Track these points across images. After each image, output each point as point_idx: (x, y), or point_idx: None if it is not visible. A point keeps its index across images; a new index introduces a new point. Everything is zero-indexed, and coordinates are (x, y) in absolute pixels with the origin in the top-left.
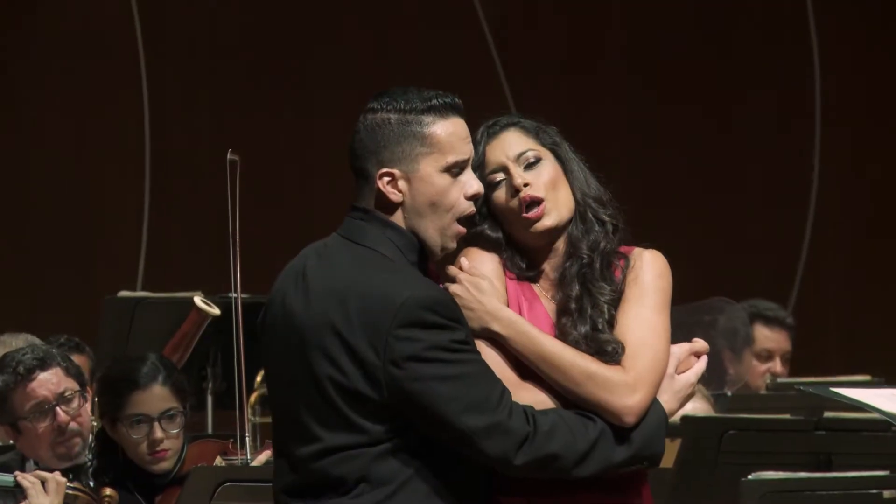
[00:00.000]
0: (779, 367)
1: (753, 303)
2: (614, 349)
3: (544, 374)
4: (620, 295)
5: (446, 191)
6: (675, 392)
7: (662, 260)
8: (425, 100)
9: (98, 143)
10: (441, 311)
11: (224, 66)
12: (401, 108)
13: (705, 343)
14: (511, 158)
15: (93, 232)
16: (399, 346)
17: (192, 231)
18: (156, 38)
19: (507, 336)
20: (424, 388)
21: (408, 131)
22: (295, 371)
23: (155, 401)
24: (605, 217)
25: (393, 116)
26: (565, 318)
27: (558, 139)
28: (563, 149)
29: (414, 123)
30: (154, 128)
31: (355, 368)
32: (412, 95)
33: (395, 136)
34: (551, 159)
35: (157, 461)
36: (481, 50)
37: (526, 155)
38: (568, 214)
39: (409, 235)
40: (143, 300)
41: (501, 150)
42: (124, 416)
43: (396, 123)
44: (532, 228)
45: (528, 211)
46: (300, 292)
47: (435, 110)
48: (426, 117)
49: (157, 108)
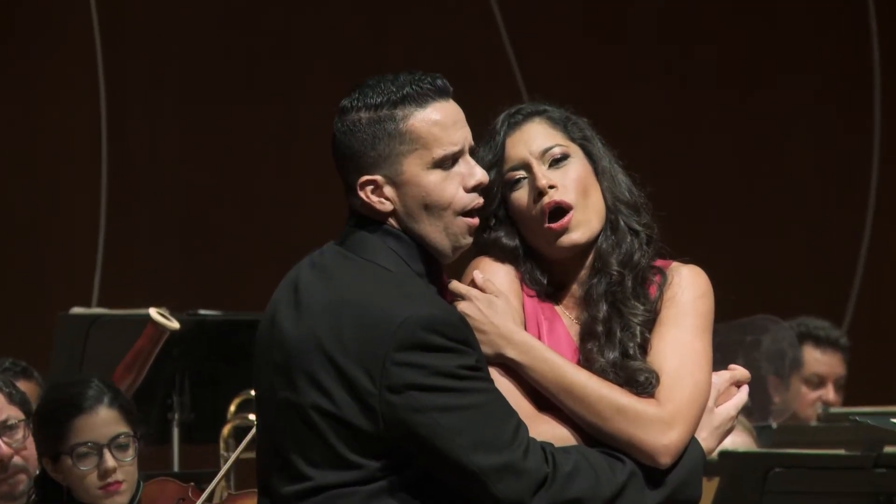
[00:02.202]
0: (831, 394)
1: (802, 321)
2: (647, 379)
3: (566, 406)
4: (655, 316)
5: (439, 188)
6: (715, 428)
7: (703, 277)
8: (399, 88)
9: (47, 140)
10: (447, 332)
11: (193, 50)
12: (371, 104)
13: (746, 371)
14: (535, 154)
15: (41, 241)
16: (398, 371)
17: (156, 240)
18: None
19: (524, 363)
20: (426, 420)
21: (382, 130)
22: (280, 397)
23: (102, 425)
24: (638, 226)
25: (363, 115)
26: (591, 342)
27: (589, 133)
28: (594, 144)
29: (387, 120)
30: (112, 122)
31: (347, 396)
32: (384, 86)
33: (370, 138)
34: (581, 157)
35: (110, 495)
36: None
37: (552, 151)
38: (598, 225)
39: (410, 242)
40: (99, 318)
41: (524, 144)
42: (68, 447)
43: (368, 123)
44: (557, 242)
45: (552, 220)
46: (291, 307)
47: (410, 100)
48: (400, 110)
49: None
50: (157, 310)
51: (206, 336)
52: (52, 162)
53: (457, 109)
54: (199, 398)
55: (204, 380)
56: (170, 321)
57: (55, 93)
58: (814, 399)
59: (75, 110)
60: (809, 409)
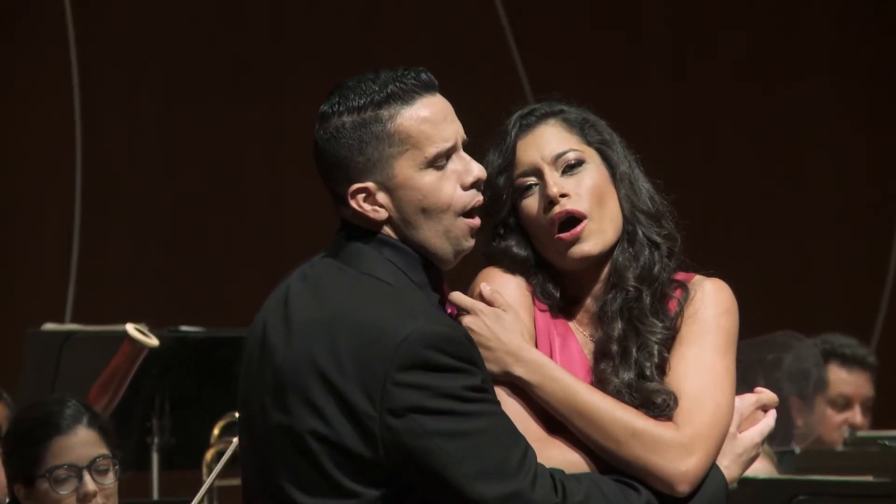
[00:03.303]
0: (858, 416)
1: (827, 338)
2: (665, 401)
3: (578, 429)
4: (675, 333)
5: (436, 189)
6: (738, 455)
7: (728, 292)
8: (382, 87)
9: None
10: (452, 350)
11: (173, 45)
12: (354, 107)
13: (773, 394)
14: (547, 160)
15: (11, 252)
16: (399, 393)
17: (134, 250)
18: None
19: (533, 382)
20: (429, 446)
21: (368, 133)
22: (270, 420)
23: (81, 447)
24: (658, 238)
25: (347, 120)
26: (605, 362)
27: (608, 136)
28: (613, 149)
29: (372, 122)
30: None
31: (345, 419)
32: (365, 86)
33: (356, 143)
34: (597, 162)
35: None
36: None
37: (566, 156)
38: (614, 236)
39: (409, 251)
40: (72, 334)
41: (536, 149)
42: (45, 470)
43: (352, 127)
44: (568, 253)
45: (562, 230)
46: (281, 324)
47: (395, 98)
48: (385, 110)
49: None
50: (134, 326)
51: (187, 354)
52: (22, 163)
53: (445, 103)
54: (180, 421)
55: (185, 401)
56: (148, 338)
57: (25, 93)
58: (840, 422)
59: (46, 112)
60: (835, 433)
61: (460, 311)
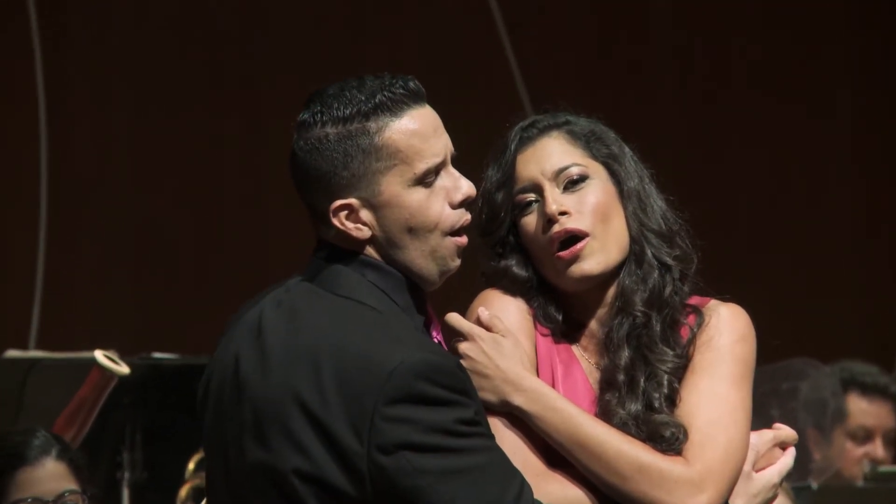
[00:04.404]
0: (880, 450)
1: (845, 366)
2: (674, 434)
3: (580, 463)
4: (687, 362)
5: (423, 207)
6: (752, 496)
7: (744, 318)
8: (369, 96)
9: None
10: (444, 380)
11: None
12: (339, 117)
13: (792, 431)
14: (547, 175)
15: None
16: (388, 428)
17: (103, 272)
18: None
19: (532, 412)
20: (420, 485)
21: (354, 146)
22: (249, 459)
23: (49, 480)
24: (669, 259)
25: (331, 131)
26: (610, 392)
27: (617, 149)
28: (622, 164)
29: (359, 134)
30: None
31: (329, 456)
32: (350, 94)
33: (340, 157)
34: (604, 178)
35: None
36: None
37: (568, 171)
38: (618, 256)
39: (393, 273)
40: (38, 362)
41: (536, 163)
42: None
43: (337, 139)
44: (567, 272)
45: (561, 248)
46: (256, 355)
47: (383, 109)
48: (373, 122)
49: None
50: (103, 352)
51: (160, 383)
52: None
53: (434, 115)
54: (152, 454)
55: (158, 433)
56: (118, 365)
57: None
58: (860, 455)
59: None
60: (855, 467)
61: (455, 337)
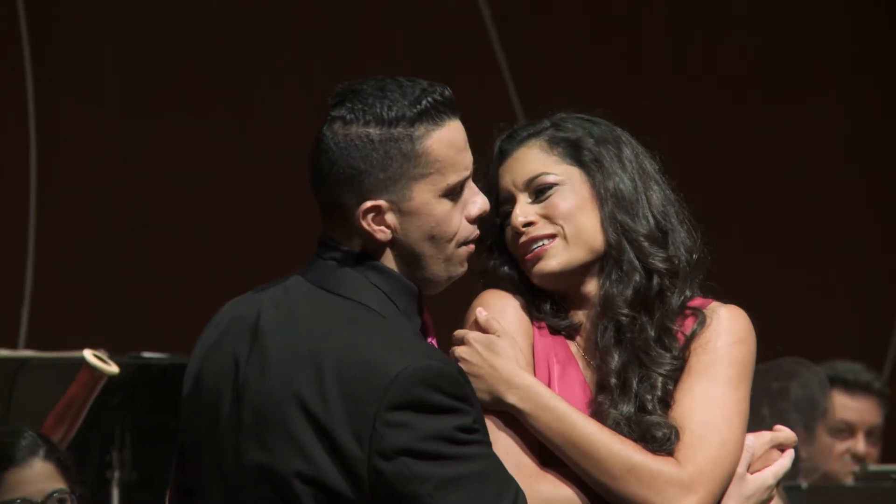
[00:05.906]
0: (861, 445)
1: (830, 365)
2: (665, 435)
3: (572, 462)
4: (683, 364)
5: (447, 218)
6: (745, 498)
7: (743, 320)
8: (414, 102)
9: None
10: (445, 387)
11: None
12: (383, 119)
13: (791, 433)
14: (519, 186)
15: None
16: (389, 434)
17: (92, 271)
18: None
19: (525, 410)
20: (418, 492)
21: (396, 150)
22: (247, 461)
23: (37, 480)
24: (655, 262)
25: (374, 131)
26: (603, 395)
27: (604, 149)
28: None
29: (403, 140)
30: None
31: (330, 459)
32: (395, 97)
33: (381, 158)
34: (579, 182)
35: None
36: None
37: (537, 181)
38: (585, 255)
39: (399, 278)
40: (27, 361)
41: (510, 175)
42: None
43: (380, 141)
44: (533, 272)
45: (528, 251)
46: (256, 356)
47: (427, 117)
48: (417, 129)
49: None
50: (93, 352)
51: (150, 382)
52: None
53: (463, 129)
54: (141, 454)
55: (148, 433)
56: (108, 365)
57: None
58: (842, 451)
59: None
60: (839, 464)
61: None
